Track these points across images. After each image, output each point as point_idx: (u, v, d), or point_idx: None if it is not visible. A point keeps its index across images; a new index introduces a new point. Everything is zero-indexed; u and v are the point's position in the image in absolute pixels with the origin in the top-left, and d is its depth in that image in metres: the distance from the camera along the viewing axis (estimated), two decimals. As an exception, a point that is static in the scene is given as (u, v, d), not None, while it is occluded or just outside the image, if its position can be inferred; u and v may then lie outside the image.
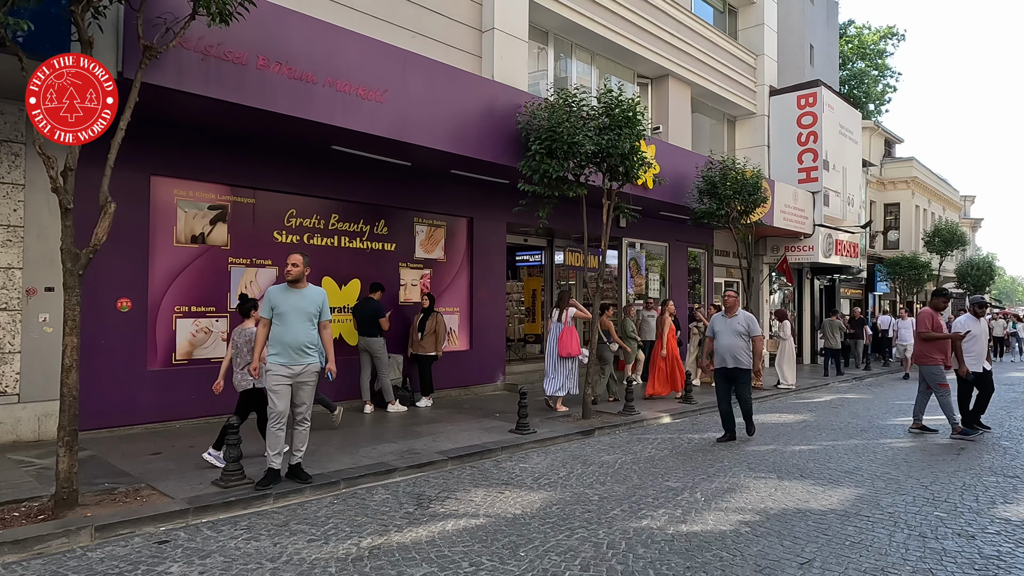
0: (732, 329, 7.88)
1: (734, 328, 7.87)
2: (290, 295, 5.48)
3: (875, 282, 26.55)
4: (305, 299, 5.51)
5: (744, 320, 7.89)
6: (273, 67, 7.06)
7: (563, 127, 8.49)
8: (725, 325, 7.99)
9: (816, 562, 4.12)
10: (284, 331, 5.40)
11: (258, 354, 5.50)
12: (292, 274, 5.48)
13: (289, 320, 5.41)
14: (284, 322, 5.41)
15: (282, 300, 5.45)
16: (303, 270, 5.52)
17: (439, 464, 6.48)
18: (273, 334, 5.43)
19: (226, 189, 8.41)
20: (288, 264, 5.51)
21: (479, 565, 4.01)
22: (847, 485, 5.98)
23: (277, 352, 5.40)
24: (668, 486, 5.86)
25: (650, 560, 4.12)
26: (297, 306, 5.45)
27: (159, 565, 3.97)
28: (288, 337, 5.39)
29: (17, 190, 6.84)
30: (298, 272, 5.48)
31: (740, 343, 7.82)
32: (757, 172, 12.37)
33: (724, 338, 7.92)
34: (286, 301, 5.44)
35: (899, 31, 35.56)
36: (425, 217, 10.73)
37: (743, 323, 7.87)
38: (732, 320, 7.94)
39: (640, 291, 15.19)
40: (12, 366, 6.81)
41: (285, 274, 5.56)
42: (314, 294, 5.60)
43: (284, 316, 5.41)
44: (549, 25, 12.78)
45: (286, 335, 5.39)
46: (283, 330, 5.40)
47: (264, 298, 5.55)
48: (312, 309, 5.53)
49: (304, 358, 5.46)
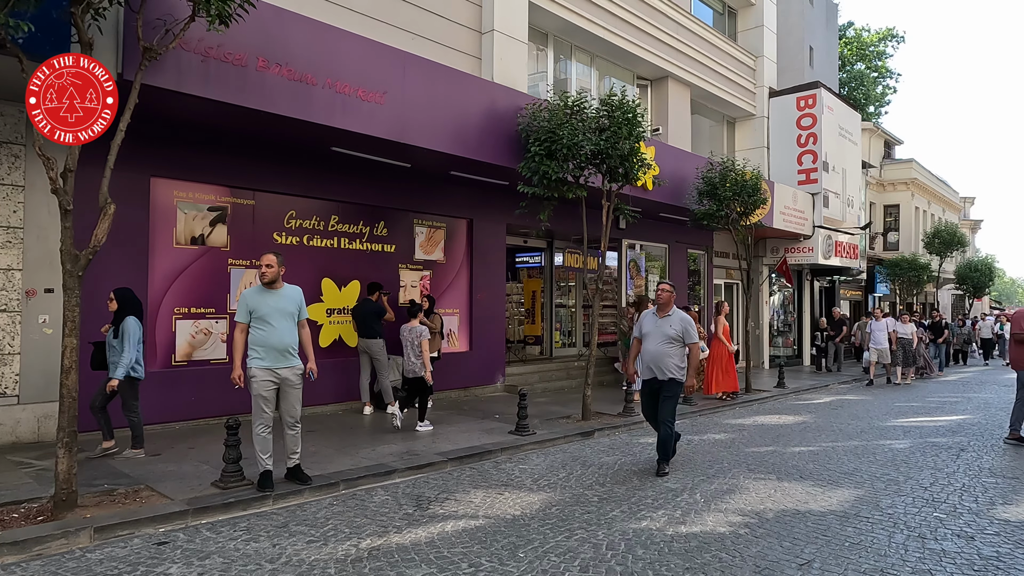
0: (663, 332, 6.39)
1: (665, 331, 6.38)
2: (268, 296, 5.37)
3: (875, 283, 26.57)
4: (284, 299, 5.43)
5: (679, 322, 6.39)
6: (273, 68, 7.07)
7: (564, 129, 8.50)
8: (655, 326, 6.49)
9: (815, 563, 4.12)
10: (268, 334, 5.30)
11: (238, 361, 5.34)
12: (268, 276, 5.38)
13: (272, 322, 5.31)
14: (266, 324, 5.30)
15: (261, 302, 5.33)
16: (278, 270, 5.41)
17: (438, 465, 6.48)
18: (256, 338, 5.31)
19: (226, 190, 8.42)
20: (262, 266, 5.40)
21: (478, 566, 4.01)
22: (847, 486, 5.98)
23: (261, 356, 5.29)
24: (667, 487, 5.86)
25: (649, 561, 4.12)
26: (277, 307, 5.36)
27: (158, 566, 3.97)
28: (274, 339, 5.31)
29: (17, 191, 6.84)
30: (273, 273, 5.38)
31: (671, 351, 6.33)
32: (757, 174, 12.37)
33: (652, 343, 6.42)
34: (265, 303, 5.33)
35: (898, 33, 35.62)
36: (425, 218, 10.73)
37: (677, 326, 6.37)
38: (663, 321, 6.45)
39: (640, 292, 15.19)
40: (12, 367, 6.81)
41: (260, 276, 5.44)
42: (292, 293, 5.52)
43: (266, 318, 5.31)
44: (549, 27, 12.79)
45: (271, 338, 5.30)
46: (267, 333, 5.30)
47: (240, 302, 5.41)
48: (292, 308, 5.46)
49: (289, 360, 5.40)
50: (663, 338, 6.35)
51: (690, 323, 6.45)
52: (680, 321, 6.41)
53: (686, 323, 6.42)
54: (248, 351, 5.35)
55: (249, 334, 5.36)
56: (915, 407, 11.45)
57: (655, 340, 6.39)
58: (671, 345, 6.34)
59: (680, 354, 6.38)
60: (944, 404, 11.86)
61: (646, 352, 6.47)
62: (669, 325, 6.39)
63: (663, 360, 6.31)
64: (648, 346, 6.44)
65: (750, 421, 9.70)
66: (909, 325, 15.59)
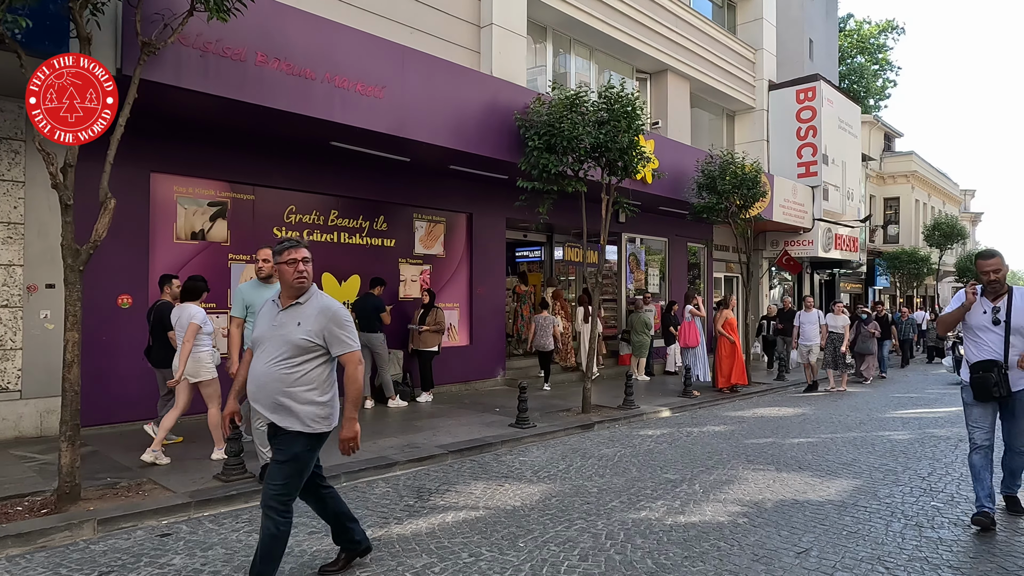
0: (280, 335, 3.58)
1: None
2: (265, 291, 5.36)
3: (875, 276, 26.59)
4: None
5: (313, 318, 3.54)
6: (272, 63, 7.07)
7: (564, 122, 8.51)
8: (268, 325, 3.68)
9: (813, 551, 4.15)
10: None
11: (236, 356, 5.30)
12: (265, 270, 5.38)
13: None
14: None
15: (258, 297, 5.31)
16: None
17: (439, 458, 6.52)
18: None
19: (225, 185, 8.43)
20: (259, 260, 5.37)
21: (478, 556, 4.04)
22: (845, 476, 6.01)
23: None
24: (667, 478, 5.89)
25: (648, 550, 4.15)
26: None
27: (161, 557, 4.01)
28: None
29: (17, 187, 6.86)
30: (270, 268, 5.37)
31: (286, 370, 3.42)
32: (756, 167, 12.37)
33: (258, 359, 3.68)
34: (262, 297, 5.30)
35: (899, 25, 35.52)
36: (424, 213, 10.75)
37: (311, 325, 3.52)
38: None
39: (639, 286, 15.22)
40: (14, 362, 6.84)
41: (257, 271, 5.45)
42: None
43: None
44: (548, 20, 12.78)
45: None
46: None
47: (236, 296, 5.38)
48: None
49: None
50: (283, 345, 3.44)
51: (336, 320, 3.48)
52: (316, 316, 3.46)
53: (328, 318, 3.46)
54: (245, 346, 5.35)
55: (245, 328, 5.36)
56: (914, 399, 11.50)
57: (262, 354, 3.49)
58: (288, 360, 3.40)
59: (306, 375, 3.43)
60: (943, 396, 11.89)
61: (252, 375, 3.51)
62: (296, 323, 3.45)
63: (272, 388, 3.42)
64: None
65: (750, 413, 9.73)
66: (841, 317, 12.57)
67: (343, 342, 3.49)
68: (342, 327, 3.49)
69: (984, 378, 4.62)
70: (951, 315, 4.87)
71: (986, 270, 4.69)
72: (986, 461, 4.74)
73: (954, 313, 4.85)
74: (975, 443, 4.79)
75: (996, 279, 4.65)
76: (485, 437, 7.29)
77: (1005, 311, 4.63)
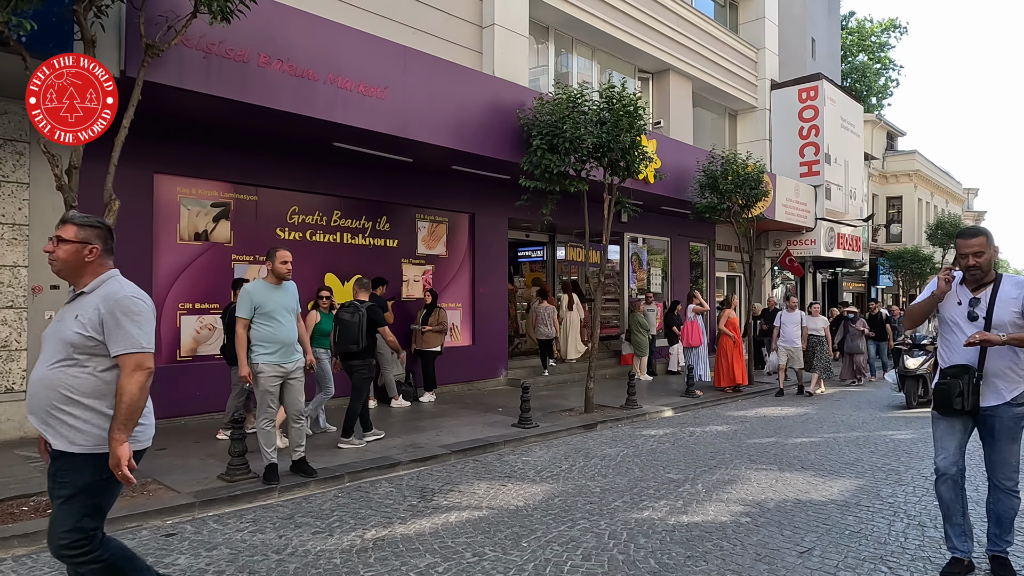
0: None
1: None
2: (274, 292, 5.40)
3: (877, 275, 26.54)
4: (288, 295, 5.49)
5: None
6: (274, 64, 7.09)
7: (566, 122, 8.52)
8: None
9: (816, 550, 4.16)
10: (276, 329, 5.33)
11: (244, 357, 5.31)
12: (289, 272, 5.47)
13: (279, 317, 5.35)
14: (274, 320, 5.33)
15: (267, 298, 5.35)
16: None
17: (442, 458, 6.53)
18: (264, 334, 5.31)
19: (228, 186, 8.46)
20: (277, 262, 5.41)
21: (482, 555, 4.06)
22: (847, 476, 6.01)
23: (271, 351, 5.31)
24: (669, 478, 5.90)
25: (651, 550, 4.16)
26: (282, 303, 5.41)
27: (166, 557, 4.03)
28: (283, 335, 5.35)
29: (22, 188, 6.89)
30: (289, 269, 5.49)
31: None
32: (758, 166, 12.36)
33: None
34: (271, 299, 5.36)
35: (901, 23, 35.44)
36: (427, 213, 10.76)
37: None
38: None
39: (642, 286, 15.22)
40: (19, 363, 6.87)
41: (286, 272, 5.45)
42: (293, 289, 5.59)
43: (272, 314, 5.33)
44: (549, 20, 12.78)
45: (279, 333, 5.34)
46: (275, 329, 5.33)
47: (243, 297, 5.39)
48: (294, 304, 5.53)
49: (295, 355, 5.46)
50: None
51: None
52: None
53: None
54: (252, 347, 5.35)
55: (252, 330, 5.36)
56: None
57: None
58: (63, 362, 2.68)
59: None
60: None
61: None
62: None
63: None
64: None
65: (752, 413, 9.73)
66: (819, 319, 12.36)
67: (122, 338, 2.64)
68: (128, 317, 2.69)
69: (948, 385, 3.63)
70: (919, 305, 3.82)
71: (965, 252, 3.63)
72: (956, 493, 3.70)
73: (923, 304, 3.80)
74: (937, 469, 3.75)
75: (976, 264, 3.60)
76: (488, 437, 7.31)
77: (986, 304, 3.61)
